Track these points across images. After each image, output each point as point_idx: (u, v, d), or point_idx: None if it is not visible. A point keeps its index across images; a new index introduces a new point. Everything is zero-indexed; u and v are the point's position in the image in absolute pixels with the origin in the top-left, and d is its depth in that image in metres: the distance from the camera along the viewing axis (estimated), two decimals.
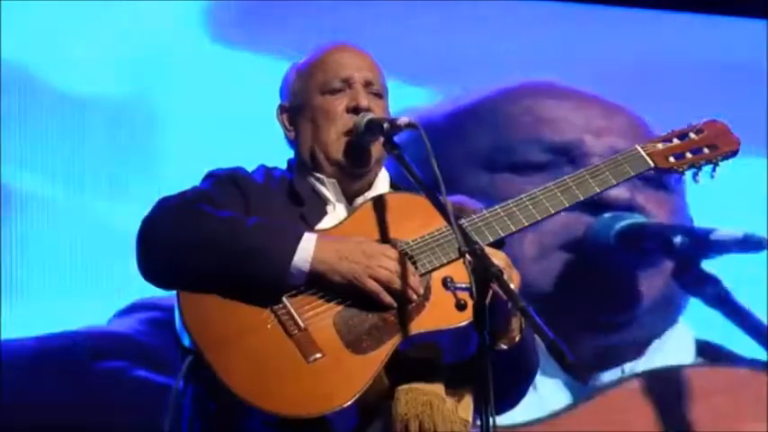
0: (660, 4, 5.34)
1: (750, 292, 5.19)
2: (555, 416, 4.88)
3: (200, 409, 2.77)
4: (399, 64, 3.46)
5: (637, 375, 5.04)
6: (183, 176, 3.03)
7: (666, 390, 5.01)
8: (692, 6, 5.42)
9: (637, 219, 5.12)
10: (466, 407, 2.80)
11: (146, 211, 2.83)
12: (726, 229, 5.13)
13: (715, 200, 5.11)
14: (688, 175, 3.11)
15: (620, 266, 5.12)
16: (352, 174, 2.97)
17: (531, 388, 3.01)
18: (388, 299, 2.72)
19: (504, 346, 2.81)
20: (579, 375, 2.41)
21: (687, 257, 5.13)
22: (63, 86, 4.60)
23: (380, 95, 3.01)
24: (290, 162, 3.07)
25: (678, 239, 5.12)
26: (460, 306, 2.67)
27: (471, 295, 2.53)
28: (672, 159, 3.08)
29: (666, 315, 5.17)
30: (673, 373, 5.06)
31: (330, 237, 2.79)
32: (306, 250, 2.72)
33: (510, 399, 2.95)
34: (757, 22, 5.46)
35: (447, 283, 2.73)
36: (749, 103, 5.26)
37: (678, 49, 5.40)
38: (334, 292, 2.74)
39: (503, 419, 2.55)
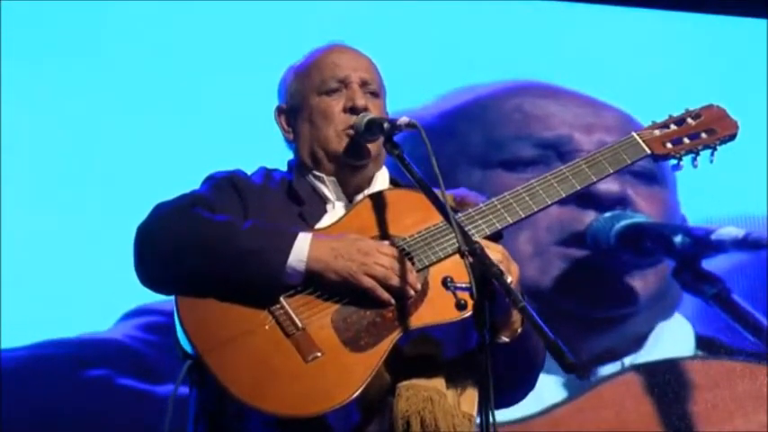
0: (660, 4, 5.34)
1: (750, 292, 5.18)
2: (552, 410, 4.87)
3: (203, 412, 2.78)
4: (397, 64, 3.46)
5: (633, 368, 5.04)
6: (182, 179, 3.03)
7: (664, 382, 5.01)
8: (692, 6, 5.42)
9: (637, 218, 5.12)
10: (469, 400, 2.80)
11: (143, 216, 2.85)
12: (726, 229, 5.13)
13: (715, 197, 5.12)
14: (686, 160, 3.10)
15: (619, 265, 5.12)
16: (352, 167, 2.97)
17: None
18: (384, 295, 2.72)
19: (506, 339, 2.81)
20: (579, 374, 2.41)
21: (687, 257, 5.13)
22: (64, 85, 4.61)
23: (377, 95, 3.02)
24: (289, 163, 3.08)
25: (678, 239, 5.12)
26: (461, 306, 2.67)
27: (471, 295, 2.53)
28: (669, 145, 3.08)
29: (663, 308, 5.16)
30: (670, 366, 5.06)
31: (326, 235, 2.79)
32: (301, 249, 2.72)
33: (517, 390, 2.96)
34: (757, 22, 5.46)
35: (447, 282, 2.73)
36: (749, 102, 5.26)
37: (678, 49, 5.40)
38: (330, 290, 2.74)
39: (501, 415, 2.55)
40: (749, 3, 5.42)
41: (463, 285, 2.64)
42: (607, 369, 5.03)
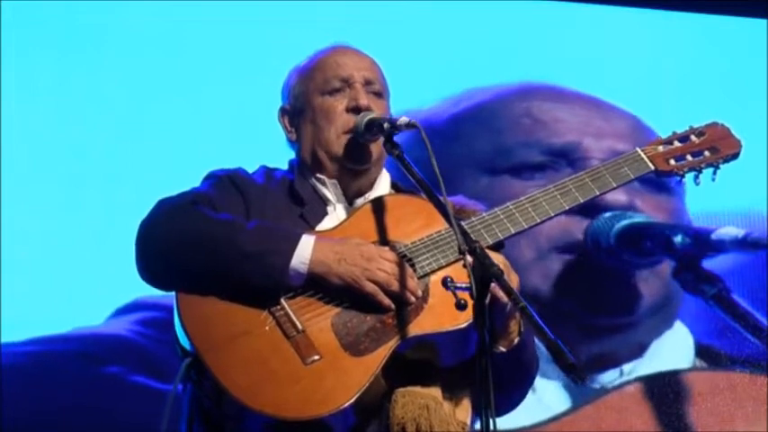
0: (660, 4, 5.33)
1: (750, 292, 5.18)
2: (555, 419, 4.87)
3: (199, 411, 2.78)
4: (403, 66, 3.46)
5: (636, 379, 5.03)
6: (183, 176, 3.03)
7: (666, 393, 5.00)
8: (692, 6, 5.42)
9: (637, 218, 5.11)
10: (464, 410, 2.81)
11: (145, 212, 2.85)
12: (726, 229, 5.12)
13: (715, 197, 5.11)
14: (689, 177, 3.12)
15: (619, 266, 5.11)
16: (353, 171, 2.97)
17: (530, 390, 3.01)
18: (386, 301, 2.72)
19: (503, 349, 2.81)
20: (578, 377, 2.40)
21: (688, 257, 5.13)
22: (64, 92, 4.61)
23: (381, 94, 3.02)
24: (291, 163, 3.07)
25: (678, 239, 5.11)
26: (460, 306, 2.67)
27: (471, 295, 2.52)
28: (672, 162, 3.09)
29: (665, 318, 5.16)
30: (672, 377, 5.05)
31: (329, 238, 2.78)
32: (304, 252, 2.73)
33: (511, 400, 2.95)
34: (757, 22, 5.45)
35: (447, 282, 2.73)
36: (749, 103, 5.26)
37: (679, 50, 5.40)
38: (332, 293, 2.74)
39: (503, 422, 2.54)
40: (749, 3, 5.42)
41: (463, 285, 2.64)
42: (608, 375, 5.02)
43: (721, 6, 5.40)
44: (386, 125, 2.84)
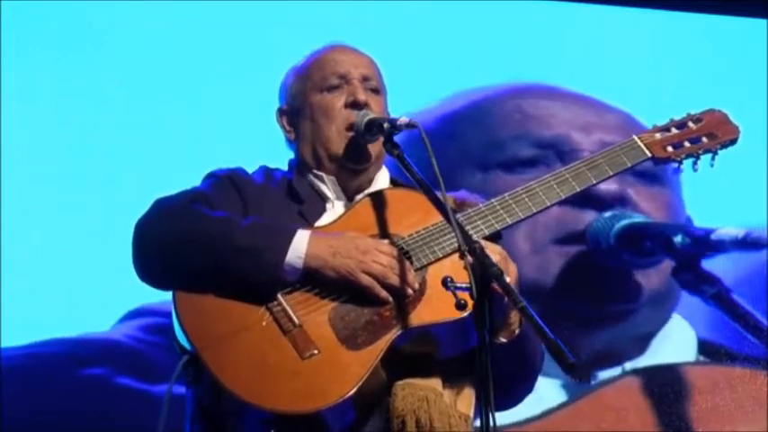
0: (660, 4, 5.34)
1: (750, 292, 5.18)
2: (550, 413, 4.87)
3: (200, 409, 2.78)
4: (398, 66, 3.47)
5: (633, 372, 5.03)
6: (183, 176, 3.03)
7: (663, 387, 5.00)
8: (692, 6, 5.42)
9: (636, 218, 5.12)
10: (465, 401, 2.81)
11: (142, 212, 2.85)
12: (726, 229, 5.12)
13: (715, 197, 5.11)
14: (687, 164, 3.10)
15: (619, 266, 5.11)
16: (353, 170, 2.98)
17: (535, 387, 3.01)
18: (382, 293, 2.72)
19: (504, 340, 2.80)
20: (580, 376, 2.40)
21: (687, 257, 5.12)
22: (64, 92, 4.61)
23: (378, 91, 3.03)
24: (290, 162, 3.08)
25: (678, 239, 5.11)
26: (460, 306, 2.67)
27: (471, 295, 2.53)
28: (670, 149, 3.08)
29: (663, 309, 5.16)
30: (670, 371, 5.05)
31: (324, 233, 2.79)
32: (299, 246, 2.73)
33: (514, 393, 2.95)
34: (757, 22, 5.45)
35: (447, 282, 2.73)
36: (749, 103, 5.25)
37: (678, 49, 5.40)
38: (328, 287, 2.74)
39: (499, 417, 2.54)
40: (749, 3, 5.42)
41: (463, 285, 2.64)
42: (609, 372, 5.01)
43: (721, 6, 5.40)
44: (386, 125, 2.85)
